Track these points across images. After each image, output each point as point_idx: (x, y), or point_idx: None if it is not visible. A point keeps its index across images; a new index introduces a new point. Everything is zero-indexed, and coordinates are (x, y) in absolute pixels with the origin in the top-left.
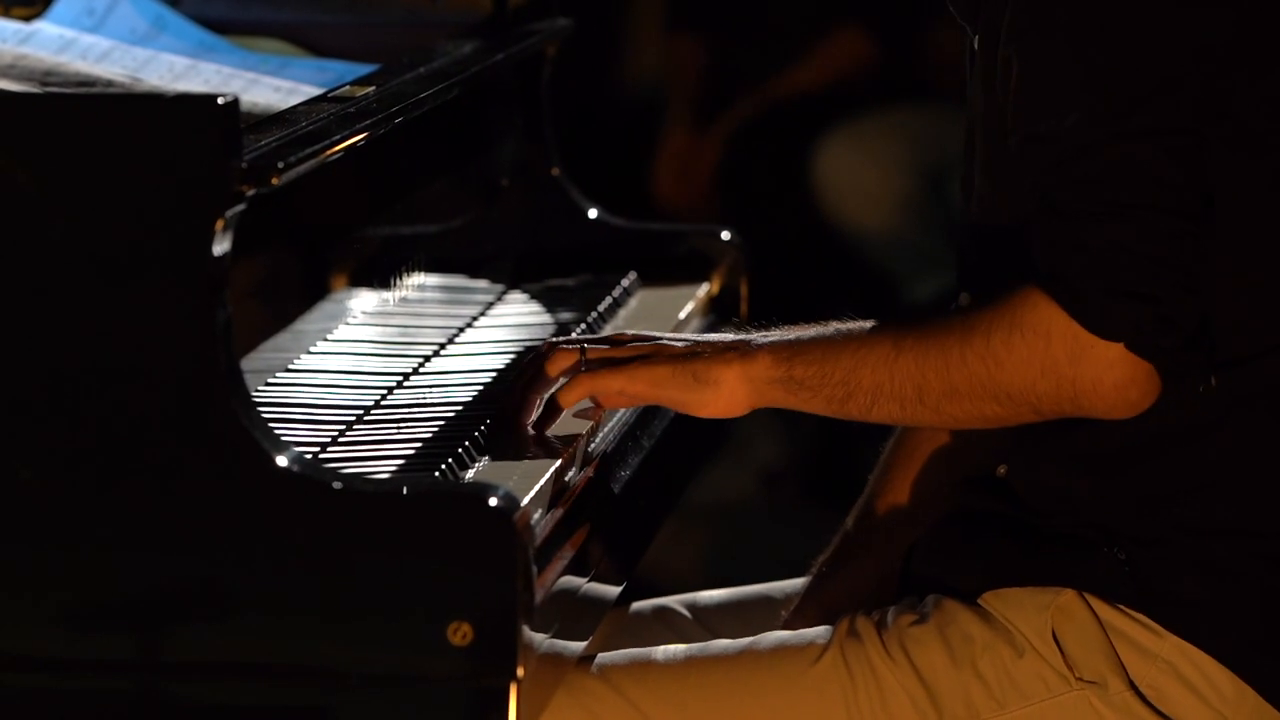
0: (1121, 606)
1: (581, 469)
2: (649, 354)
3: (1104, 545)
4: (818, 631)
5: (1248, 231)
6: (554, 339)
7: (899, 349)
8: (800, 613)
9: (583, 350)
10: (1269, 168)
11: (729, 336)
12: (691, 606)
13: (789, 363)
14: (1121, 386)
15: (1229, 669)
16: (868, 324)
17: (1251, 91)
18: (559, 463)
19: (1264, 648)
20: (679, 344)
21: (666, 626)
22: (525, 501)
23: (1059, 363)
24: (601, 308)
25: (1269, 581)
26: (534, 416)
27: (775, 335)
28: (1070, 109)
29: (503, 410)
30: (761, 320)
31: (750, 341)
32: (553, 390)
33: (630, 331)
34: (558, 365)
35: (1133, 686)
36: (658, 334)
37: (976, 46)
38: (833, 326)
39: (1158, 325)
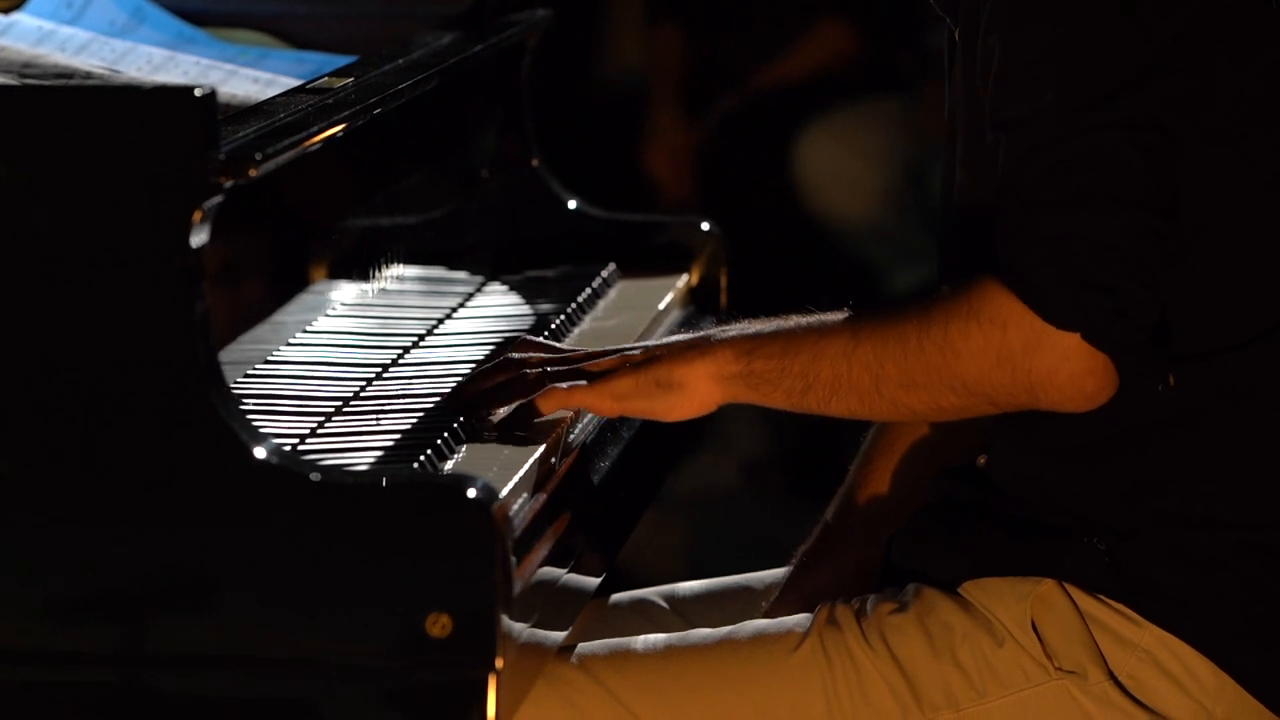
0: (1101, 596)
1: (561, 459)
2: (610, 368)
3: (1084, 535)
4: (797, 620)
5: (1224, 225)
6: (519, 356)
7: (857, 339)
8: (781, 602)
9: (545, 372)
10: (1243, 161)
11: (688, 336)
12: (670, 597)
13: (749, 356)
14: (1077, 378)
15: (1208, 659)
16: (829, 316)
17: (1225, 87)
18: (538, 453)
19: (1243, 637)
20: (637, 352)
21: (645, 617)
22: (504, 493)
23: (1015, 352)
24: (581, 298)
25: (1248, 571)
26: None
27: (735, 330)
28: (1042, 97)
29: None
30: (738, 312)
31: (710, 338)
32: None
33: (584, 350)
34: (522, 382)
35: (1112, 676)
36: (620, 346)
37: (957, 38)
38: (794, 320)
39: (1114, 317)
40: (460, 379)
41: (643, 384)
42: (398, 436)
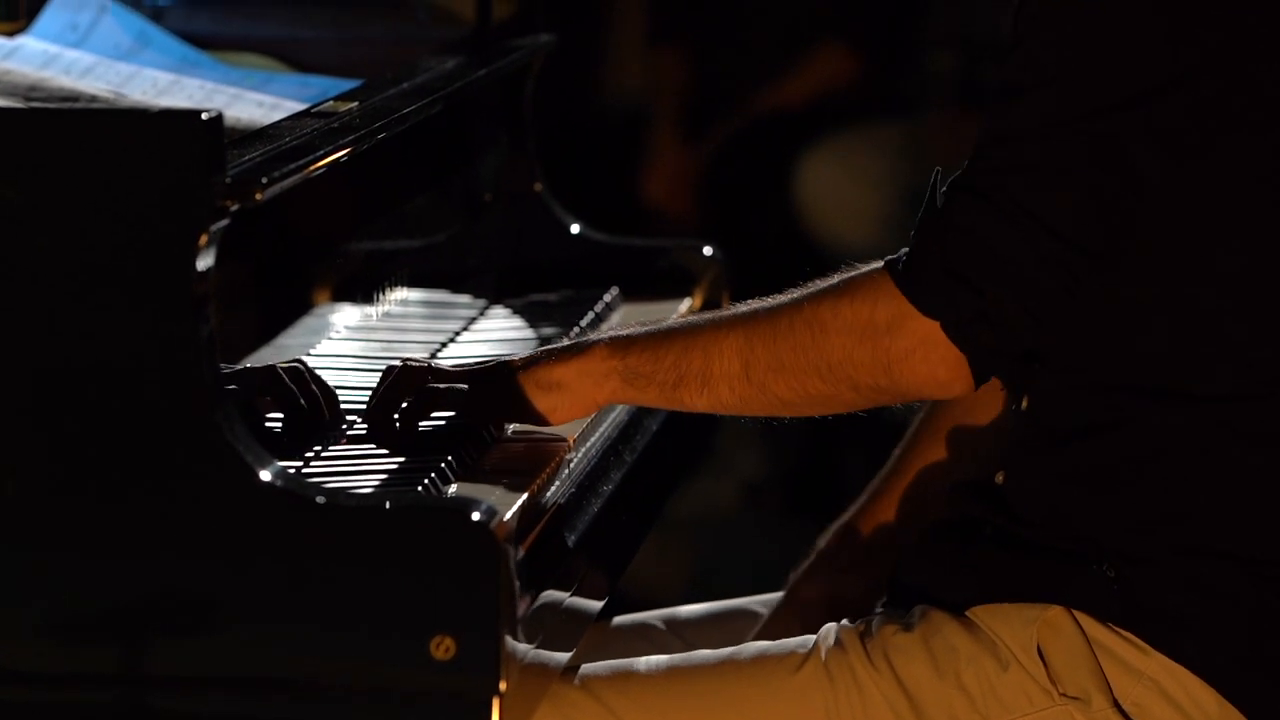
0: (1108, 624)
1: (564, 483)
2: (489, 374)
3: (1094, 561)
4: (800, 640)
5: (1236, 272)
6: (403, 360)
7: (731, 327)
8: (777, 619)
9: (428, 375)
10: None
11: (568, 341)
12: (672, 621)
13: (623, 353)
14: (931, 364)
15: (1214, 688)
16: (708, 313)
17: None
18: (541, 477)
19: (1249, 666)
20: (515, 360)
21: (647, 640)
22: (507, 515)
23: (878, 329)
24: (584, 323)
25: (1256, 601)
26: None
27: (617, 330)
28: (1034, 84)
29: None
30: None
31: (588, 338)
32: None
33: (468, 361)
34: (403, 391)
35: (1116, 704)
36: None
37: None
38: (674, 318)
39: (976, 319)
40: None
41: (526, 386)
42: (402, 459)
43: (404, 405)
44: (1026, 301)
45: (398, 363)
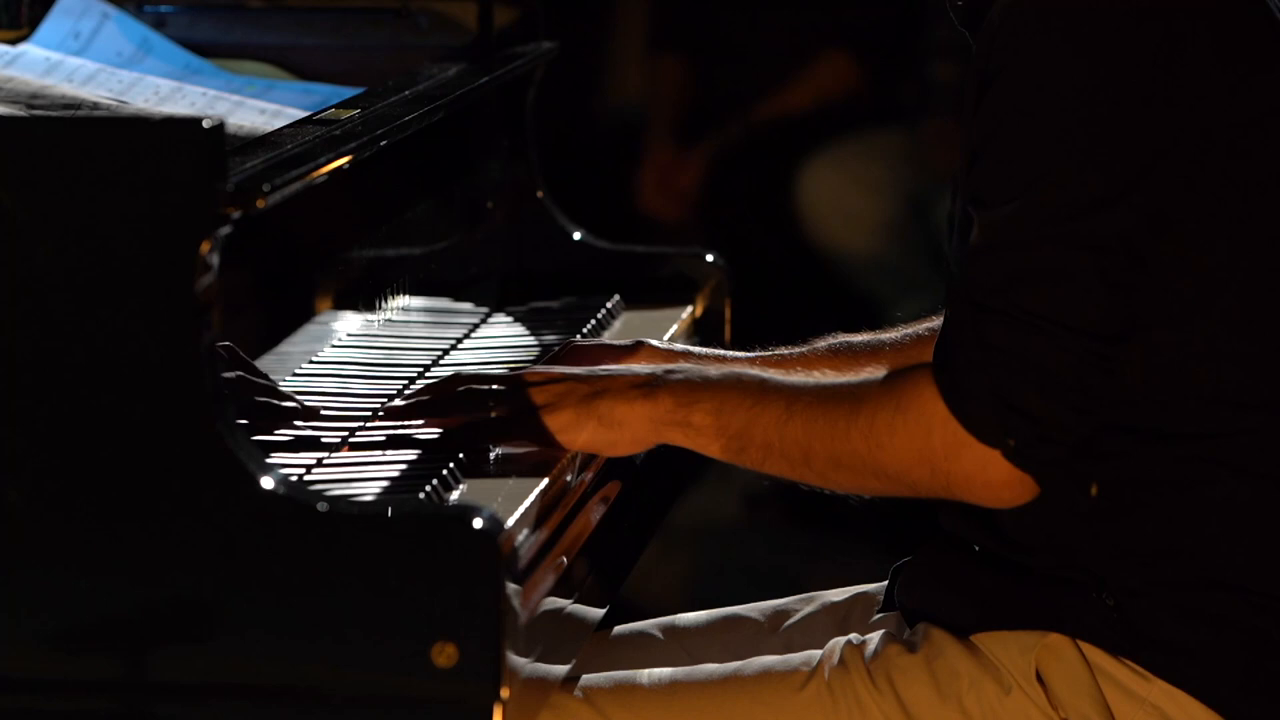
0: (1109, 650)
1: (565, 491)
2: (554, 400)
3: (1093, 591)
4: (803, 658)
5: (1228, 313)
6: (467, 380)
7: (791, 412)
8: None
9: (489, 398)
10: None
11: (643, 370)
12: (671, 629)
13: (688, 409)
14: (993, 486)
15: (1216, 713)
16: (771, 376)
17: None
18: (543, 485)
19: (1249, 691)
20: (585, 385)
21: (646, 649)
22: (510, 523)
23: (936, 454)
24: (586, 330)
25: (1257, 628)
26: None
27: (684, 373)
28: (1020, 194)
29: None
30: (742, 345)
31: (658, 379)
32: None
33: (540, 368)
34: (458, 415)
35: None
36: (570, 370)
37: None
38: (739, 371)
39: (1037, 441)
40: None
41: (583, 418)
42: (404, 467)
43: (458, 425)
44: (1078, 406)
45: (452, 373)
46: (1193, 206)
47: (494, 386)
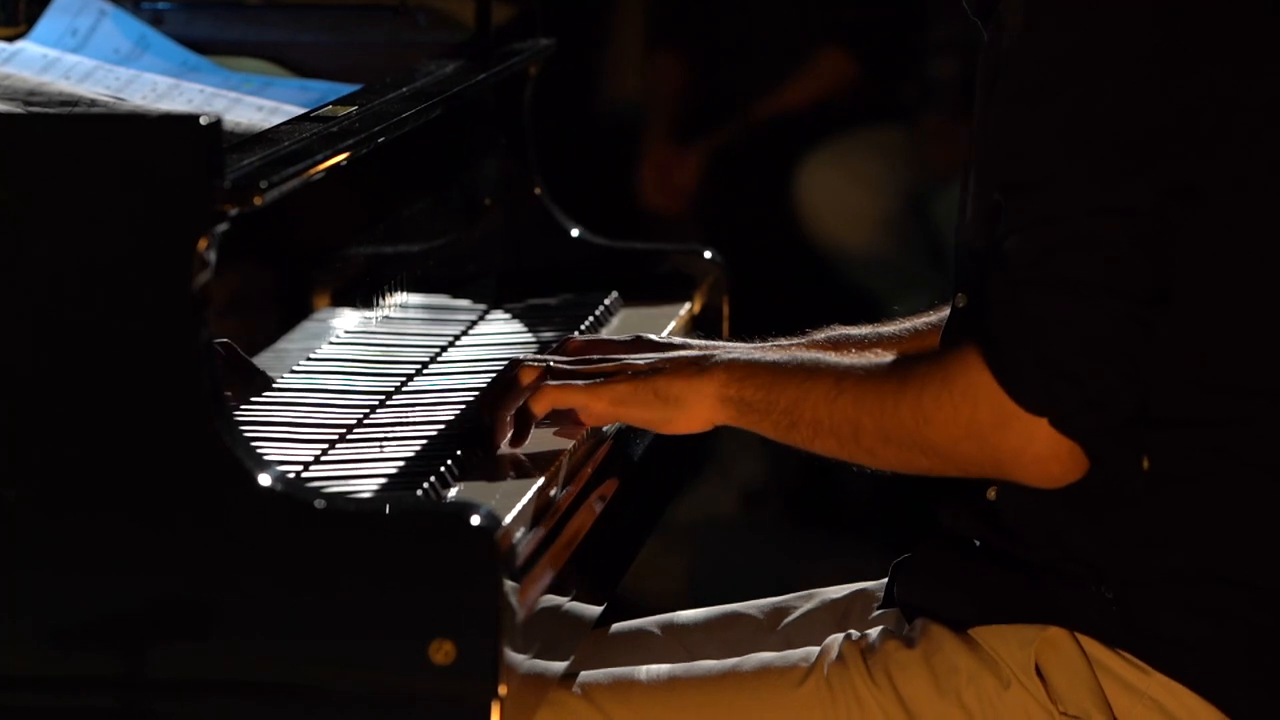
0: (1108, 644)
1: (564, 488)
2: (612, 372)
3: (1092, 583)
4: (802, 654)
5: (1229, 298)
6: (524, 357)
7: (840, 388)
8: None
9: (548, 368)
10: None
11: (696, 347)
12: (670, 626)
13: (740, 384)
14: (1042, 460)
15: (1215, 706)
16: (821, 355)
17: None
18: (541, 481)
19: (1251, 685)
20: (641, 361)
21: (645, 646)
22: (507, 520)
23: (984, 428)
24: (583, 327)
25: (1257, 621)
26: (508, 435)
27: (737, 352)
28: (1049, 172)
29: (476, 430)
30: (728, 339)
31: (711, 356)
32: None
33: (601, 341)
34: (524, 380)
35: None
36: (625, 352)
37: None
38: (792, 351)
39: (1085, 407)
40: (463, 407)
41: (641, 393)
42: (401, 464)
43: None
44: (1125, 370)
45: (513, 362)
46: (1217, 177)
47: (550, 364)
